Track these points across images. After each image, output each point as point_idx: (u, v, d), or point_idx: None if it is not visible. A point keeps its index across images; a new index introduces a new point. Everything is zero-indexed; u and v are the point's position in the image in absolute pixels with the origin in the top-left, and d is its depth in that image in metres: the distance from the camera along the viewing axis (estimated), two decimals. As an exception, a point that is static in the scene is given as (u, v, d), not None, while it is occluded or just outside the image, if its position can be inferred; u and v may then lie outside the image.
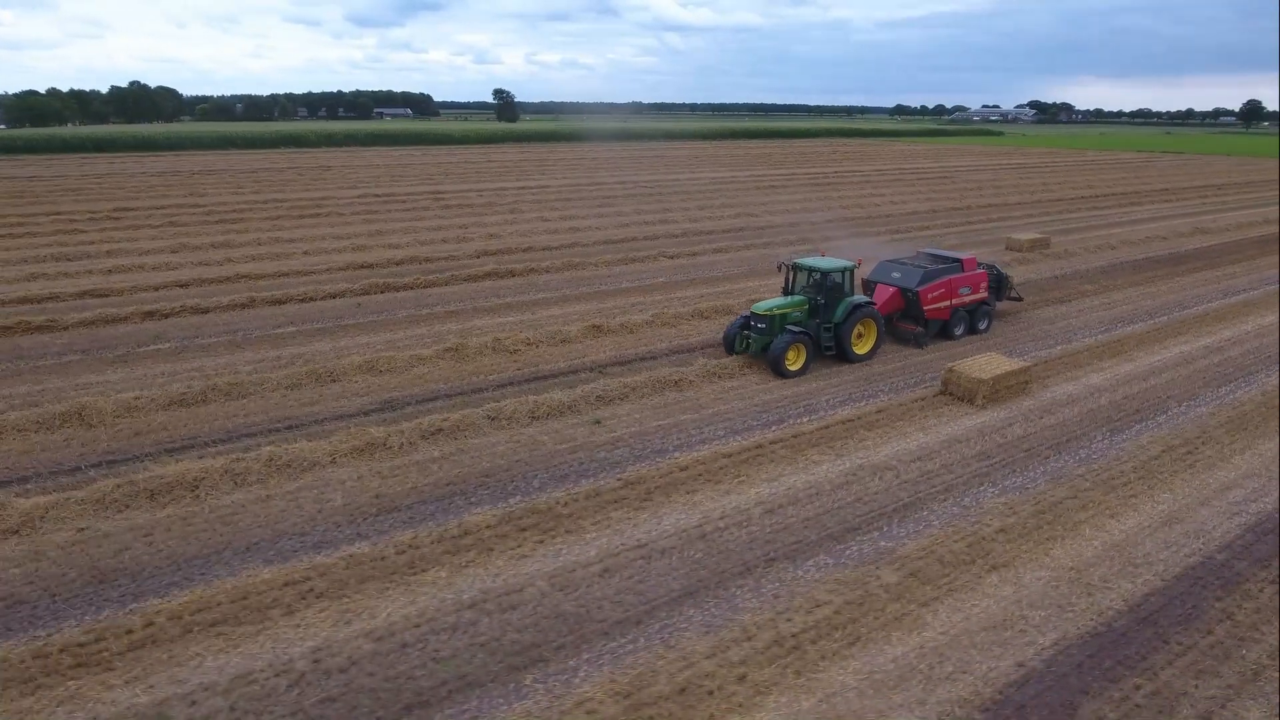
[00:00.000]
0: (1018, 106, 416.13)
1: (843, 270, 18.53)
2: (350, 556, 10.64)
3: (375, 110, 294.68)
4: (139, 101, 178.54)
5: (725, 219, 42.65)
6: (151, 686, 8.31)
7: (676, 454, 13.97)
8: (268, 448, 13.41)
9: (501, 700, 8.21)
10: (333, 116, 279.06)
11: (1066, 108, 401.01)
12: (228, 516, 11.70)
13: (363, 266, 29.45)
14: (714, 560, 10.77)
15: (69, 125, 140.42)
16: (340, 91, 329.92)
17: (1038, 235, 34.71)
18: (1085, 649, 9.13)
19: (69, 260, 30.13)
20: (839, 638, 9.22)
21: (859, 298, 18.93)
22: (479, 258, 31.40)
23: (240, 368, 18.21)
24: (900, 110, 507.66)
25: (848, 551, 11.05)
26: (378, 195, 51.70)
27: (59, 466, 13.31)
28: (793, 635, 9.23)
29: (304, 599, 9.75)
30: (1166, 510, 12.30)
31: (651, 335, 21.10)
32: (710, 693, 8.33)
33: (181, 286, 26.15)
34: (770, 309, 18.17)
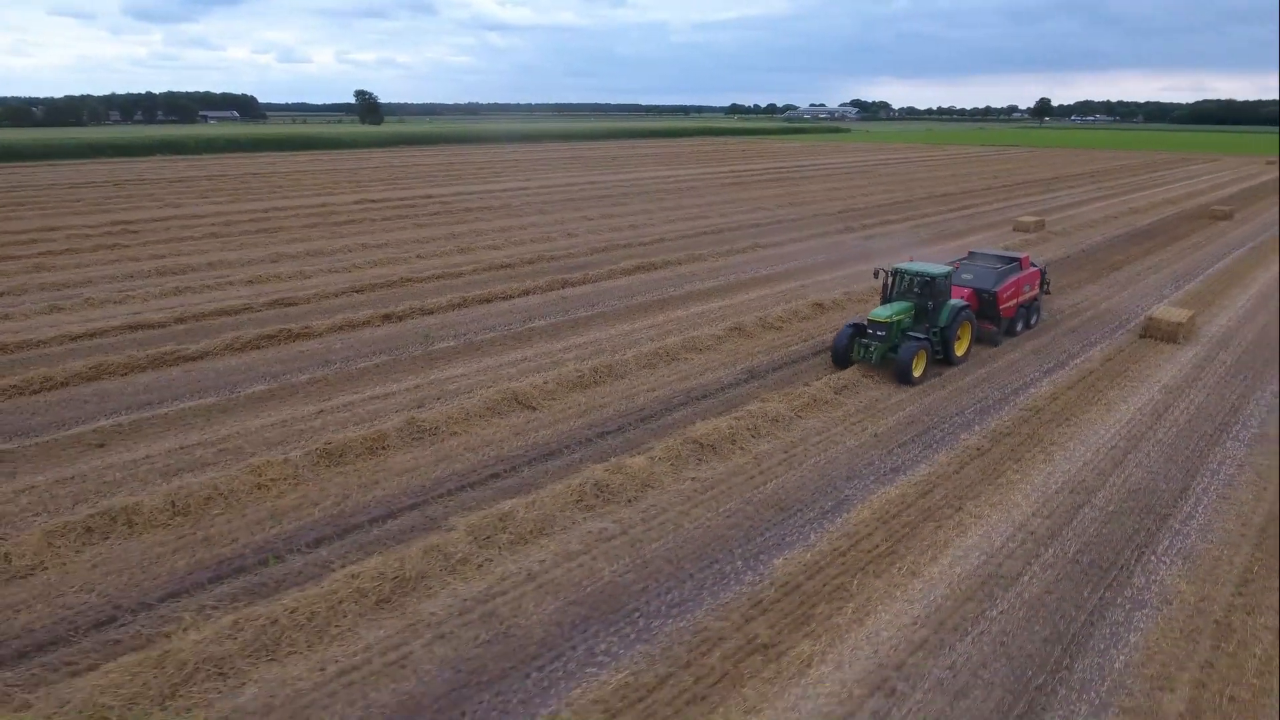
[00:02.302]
0: (842, 105, 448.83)
1: (945, 275, 18.79)
2: (931, 476, 13.48)
3: (200, 113, 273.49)
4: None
5: (744, 214, 46.38)
6: (951, 561, 10.96)
7: (1044, 383, 17.85)
8: (748, 407, 15.74)
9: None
10: (150, 120, 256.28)
11: (885, 106, 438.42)
12: (794, 457, 14.10)
13: (502, 266, 30.63)
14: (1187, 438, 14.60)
15: None
16: (150, 92, 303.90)
17: (1036, 218, 41.16)
18: None
19: (179, 274, 29.08)
20: (1319, 484, 13.31)
21: (958, 301, 19.23)
22: (592, 254, 33.27)
23: (566, 356, 19.83)
24: (735, 109, 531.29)
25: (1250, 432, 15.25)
26: (374, 201, 51.05)
27: (569, 439, 14.94)
28: (1293, 485, 13.22)
29: (960, 504, 12.57)
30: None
31: (864, 309, 24.50)
32: (1296, 520, 12.14)
33: (358, 292, 26.48)
34: (889, 316, 18.08)
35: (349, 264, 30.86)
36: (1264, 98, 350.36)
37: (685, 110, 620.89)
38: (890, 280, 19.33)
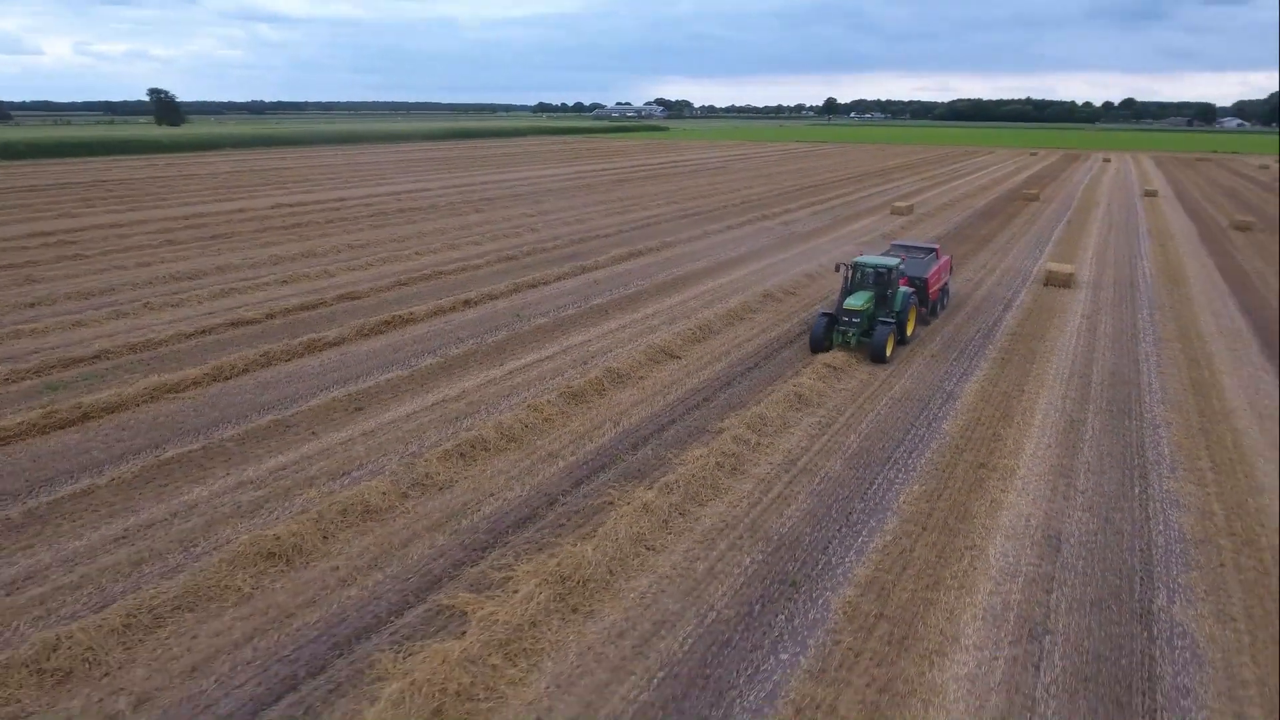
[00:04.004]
0: (647, 104, 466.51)
1: (898, 266, 21.70)
2: (988, 376, 19.64)
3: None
4: None
5: (661, 208, 51.84)
6: (1043, 415, 17.08)
7: (1006, 318, 24.57)
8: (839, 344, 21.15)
9: (1158, 393, 18.53)
10: None
11: (687, 104, 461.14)
12: (894, 374, 19.67)
13: (509, 258, 33.90)
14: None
15: None
16: None
17: (906, 203, 50.06)
18: None
19: (197, 279, 29.77)
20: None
21: (906, 289, 22.04)
22: (573, 245, 37.24)
23: (654, 322, 24.17)
24: (543, 108, 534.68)
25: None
26: (290, 205, 51.11)
27: (725, 375, 19.58)
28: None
29: (1021, 388, 18.76)
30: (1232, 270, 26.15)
31: (837, 278, 30.65)
32: (1207, 379, 19.51)
33: (405, 285, 28.95)
34: (861, 305, 20.62)
35: (362, 262, 32.75)
36: (1004, 97, 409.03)
37: (492, 109, 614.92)
38: (850, 273, 22.19)
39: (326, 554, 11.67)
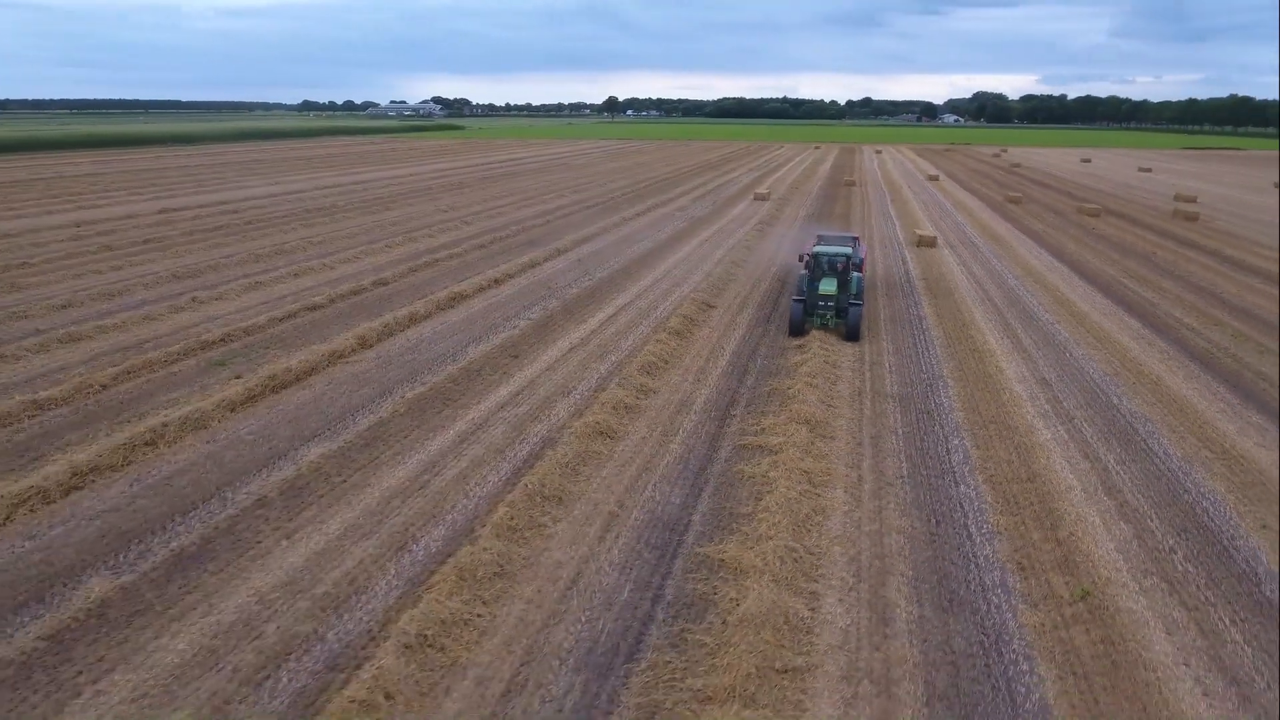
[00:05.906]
0: (423, 102, 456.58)
1: (851, 255, 24.45)
2: (935, 306, 27.78)
3: None
4: None
5: (558, 201, 56.86)
6: (986, 322, 25.35)
7: (912, 272, 33.15)
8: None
9: (1040, 305, 27.60)
10: None
11: (466, 103, 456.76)
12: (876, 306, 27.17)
13: (481, 246, 37.69)
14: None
15: None
16: None
17: (765, 190, 59.04)
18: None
19: (199, 275, 30.94)
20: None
21: (858, 274, 24.62)
22: (522, 233, 41.56)
23: (673, 275, 29.91)
24: (309, 106, 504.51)
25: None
26: (179, 210, 49.99)
27: (766, 299, 25.97)
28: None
29: (962, 319, 26.98)
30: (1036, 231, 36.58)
31: (765, 251, 37.99)
32: (1061, 296, 29.09)
33: (415, 271, 32.16)
34: (833, 291, 23.03)
35: (346, 255, 35.04)
36: (760, 96, 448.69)
37: (249, 107, 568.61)
38: (812, 262, 24.58)
39: (629, 431, 16.57)
